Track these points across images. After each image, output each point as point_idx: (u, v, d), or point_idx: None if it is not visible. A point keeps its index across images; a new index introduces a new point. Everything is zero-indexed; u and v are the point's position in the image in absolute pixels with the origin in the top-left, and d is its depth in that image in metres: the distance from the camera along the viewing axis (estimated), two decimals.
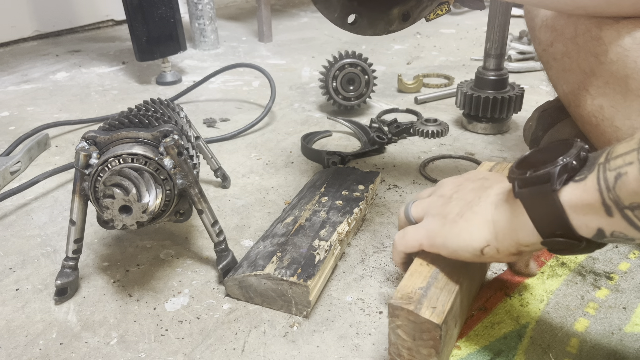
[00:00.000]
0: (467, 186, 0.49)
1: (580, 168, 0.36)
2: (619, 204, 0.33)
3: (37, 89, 1.35)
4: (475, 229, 0.44)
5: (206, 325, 0.57)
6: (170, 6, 1.29)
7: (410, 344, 0.46)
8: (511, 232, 0.41)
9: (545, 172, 0.37)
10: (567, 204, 0.36)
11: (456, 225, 0.46)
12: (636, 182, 0.32)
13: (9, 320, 0.58)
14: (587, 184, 0.35)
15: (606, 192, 0.34)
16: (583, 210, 0.36)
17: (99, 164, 0.54)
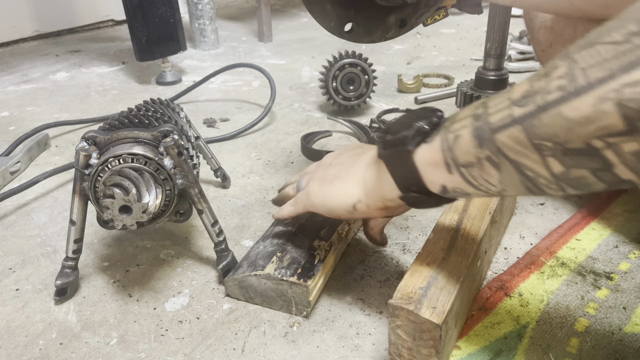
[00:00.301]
0: (346, 154, 0.54)
1: (431, 132, 0.41)
2: (456, 162, 0.38)
3: (37, 89, 1.35)
4: (348, 187, 0.50)
5: (206, 325, 0.57)
6: (170, 6, 1.29)
7: (411, 344, 0.46)
8: (378, 188, 0.47)
9: (402, 135, 0.42)
10: (419, 162, 0.42)
11: (333, 185, 0.51)
12: (467, 143, 0.37)
13: (9, 320, 0.58)
14: (434, 145, 0.40)
15: (447, 152, 0.39)
16: (430, 168, 0.41)
17: (99, 164, 0.54)
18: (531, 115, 0.32)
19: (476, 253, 0.53)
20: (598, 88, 0.29)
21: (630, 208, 0.74)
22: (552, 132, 0.32)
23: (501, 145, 0.35)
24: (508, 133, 0.34)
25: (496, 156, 0.35)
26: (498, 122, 0.35)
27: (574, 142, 0.31)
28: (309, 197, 0.54)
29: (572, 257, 0.65)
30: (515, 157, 0.34)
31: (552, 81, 0.32)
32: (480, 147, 0.36)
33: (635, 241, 0.68)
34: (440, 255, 0.52)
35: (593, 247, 0.67)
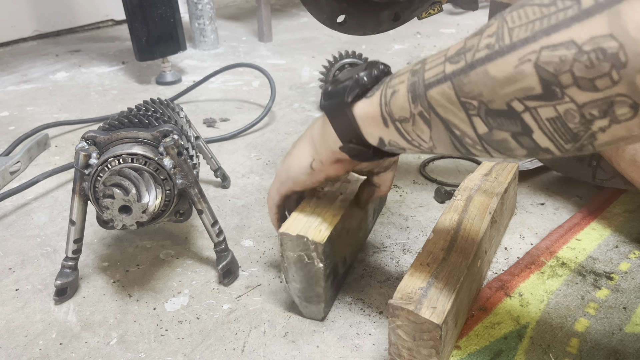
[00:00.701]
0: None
1: (372, 86, 0.42)
2: (392, 116, 0.39)
3: (36, 88, 1.35)
4: (302, 150, 0.50)
5: (206, 325, 0.57)
6: (170, 6, 1.29)
7: (411, 344, 0.46)
8: (324, 141, 0.47)
9: (341, 86, 0.42)
10: (358, 115, 0.42)
11: (290, 155, 0.52)
12: (403, 98, 0.38)
13: (8, 320, 0.58)
14: (373, 99, 0.41)
15: (384, 106, 0.40)
16: (368, 121, 0.41)
17: (98, 164, 0.54)
18: (460, 72, 0.33)
19: (476, 253, 0.53)
20: (520, 49, 0.29)
21: (630, 208, 0.74)
22: (477, 91, 0.32)
23: (432, 101, 0.35)
24: (439, 89, 0.34)
25: (427, 112, 0.36)
26: (431, 79, 0.35)
27: (497, 102, 0.31)
28: (278, 178, 0.54)
29: (572, 257, 0.65)
30: (444, 115, 0.35)
31: (482, 39, 0.32)
32: (414, 103, 0.37)
33: (636, 241, 0.68)
34: (440, 255, 0.52)
35: (593, 247, 0.67)
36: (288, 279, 0.54)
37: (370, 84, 0.42)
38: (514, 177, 0.69)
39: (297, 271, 0.53)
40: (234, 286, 0.63)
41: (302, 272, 0.52)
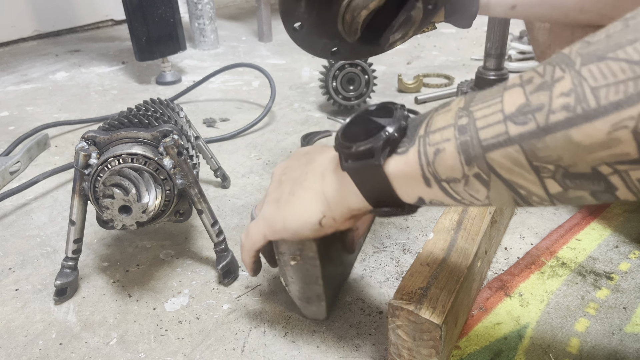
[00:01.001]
0: (293, 165, 0.49)
1: (401, 139, 0.37)
2: (437, 177, 0.35)
3: (36, 88, 1.35)
4: (308, 203, 0.45)
5: (206, 325, 0.57)
6: (170, 6, 1.29)
7: (411, 344, 0.46)
8: (342, 200, 0.43)
9: (369, 147, 0.38)
10: (391, 175, 0.38)
11: (290, 204, 0.46)
12: (452, 160, 0.34)
13: (8, 320, 0.58)
14: (408, 157, 0.36)
15: (426, 166, 0.35)
16: (405, 181, 0.37)
17: (98, 164, 0.54)
18: (532, 136, 0.29)
19: (476, 253, 0.53)
20: (613, 114, 0.26)
21: (630, 208, 0.74)
22: (556, 156, 0.29)
23: (494, 164, 0.32)
24: (503, 152, 0.31)
25: (486, 174, 0.33)
26: (490, 140, 0.31)
27: (579, 166, 0.29)
28: (269, 225, 0.48)
29: (572, 257, 0.65)
30: (508, 177, 0.32)
31: (555, 98, 0.28)
32: (468, 165, 0.33)
33: (636, 241, 0.68)
34: (440, 255, 0.52)
35: (593, 247, 0.67)
36: (287, 282, 0.54)
37: (400, 137, 0.38)
38: None
39: (294, 272, 0.52)
40: (233, 286, 0.63)
41: (300, 272, 0.52)
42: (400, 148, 0.37)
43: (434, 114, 0.36)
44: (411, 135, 0.37)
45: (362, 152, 0.38)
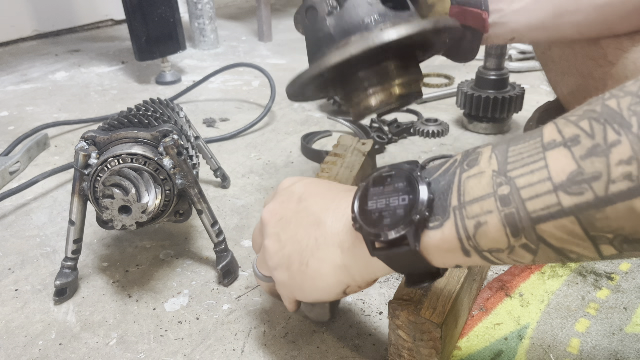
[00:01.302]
0: (289, 216, 0.44)
1: (431, 213, 0.34)
2: (478, 249, 0.33)
3: (36, 88, 1.35)
4: (328, 276, 0.41)
5: (206, 325, 0.57)
6: (170, 5, 1.29)
7: (411, 344, 0.46)
8: (368, 273, 0.40)
9: (401, 236, 0.34)
10: (425, 251, 0.35)
11: (306, 275, 0.42)
12: (496, 232, 0.31)
13: (8, 320, 0.58)
14: (444, 232, 0.33)
15: (466, 240, 0.33)
16: (441, 254, 0.35)
17: (98, 164, 0.54)
18: (589, 207, 0.27)
19: None
20: None
21: None
22: (616, 225, 0.27)
23: (545, 235, 0.29)
24: (556, 224, 0.29)
25: (535, 244, 0.30)
26: (540, 211, 0.29)
27: None
28: (288, 290, 0.45)
29: None
30: (560, 245, 0.30)
31: (614, 166, 0.26)
32: (515, 237, 0.30)
33: None
34: None
35: None
36: None
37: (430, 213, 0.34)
38: None
39: None
40: (233, 286, 0.63)
41: None
42: (433, 222, 0.34)
43: (463, 177, 0.33)
44: (442, 204, 0.34)
45: (393, 242, 0.35)
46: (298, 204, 0.44)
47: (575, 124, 0.28)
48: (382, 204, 0.36)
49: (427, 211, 0.34)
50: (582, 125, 0.28)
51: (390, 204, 0.36)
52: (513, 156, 0.31)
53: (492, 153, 0.32)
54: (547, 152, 0.29)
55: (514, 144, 0.31)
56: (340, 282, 0.41)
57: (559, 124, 0.29)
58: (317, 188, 0.45)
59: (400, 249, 0.35)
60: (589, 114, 0.28)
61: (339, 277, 0.41)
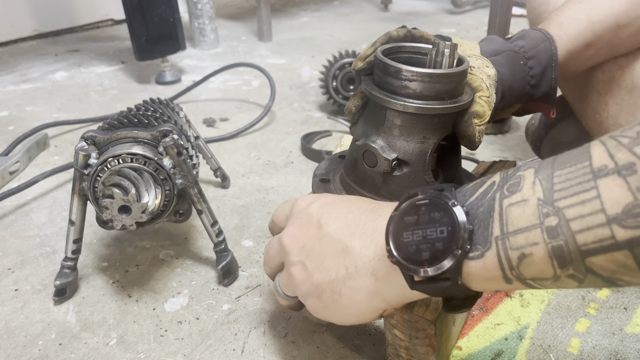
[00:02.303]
0: (314, 247, 0.42)
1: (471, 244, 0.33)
2: (521, 278, 0.32)
3: (36, 88, 1.35)
4: (363, 304, 0.40)
5: (206, 325, 0.57)
6: (170, 5, 1.29)
7: (407, 343, 0.46)
8: (405, 298, 0.39)
9: (442, 272, 0.33)
10: (466, 279, 0.34)
11: (339, 304, 0.41)
12: (542, 264, 0.30)
13: (8, 320, 0.58)
14: (486, 262, 0.32)
15: (509, 270, 0.32)
16: (482, 282, 0.34)
17: (98, 164, 0.54)
18: None
19: None
20: None
21: None
22: None
23: (595, 267, 0.28)
24: (608, 257, 0.27)
25: (582, 274, 0.29)
26: (592, 245, 0.27)
27: None
28: (322, 316, 0.44)
29: None
30: (610, 275, 0.29)
31: None
32: (562, 268, 0.29)
33: None
34: None
35: None
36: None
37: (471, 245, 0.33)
38: None
39: None
40: (233, 286, 0.63)
41: None
42: (473, 252, 0.32)
43: (505, 204, 0.31)
44: (482, 234, 0.32)
45: (435, 278, 0.34)
46: (319, 229, 0.42)
47: (630, 149, 0.27)
48: (418, 235, 0.34)
49: (469, 244, 0.32)
50: (638, 151, 0.26)
51: (428, 235, 0.34)
52: (560, 183, 0.29)
53: (536, 178, 0.31)
54: (598, 180, 0.27)
55: (559, 168, 0.30)
56: (376, 308, 0.40)
57: (610, 146, 0.28)
58: (335, 209, 0.43)
59: (441, 285, 0.34)
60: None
61: (375, 304, 0.40)
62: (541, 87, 0.56)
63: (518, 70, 0.54)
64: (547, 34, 0.56)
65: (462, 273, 0.33)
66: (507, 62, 0.54)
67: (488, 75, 0.50)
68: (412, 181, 0.48)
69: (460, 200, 0.34)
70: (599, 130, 0.66)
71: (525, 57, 0.55)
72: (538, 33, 0.56)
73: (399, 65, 0.45)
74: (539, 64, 0.55)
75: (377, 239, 0.39)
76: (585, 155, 0.29)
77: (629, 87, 0.61)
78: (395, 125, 0.47)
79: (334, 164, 0.58)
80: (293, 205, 0.46)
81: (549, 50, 0.55)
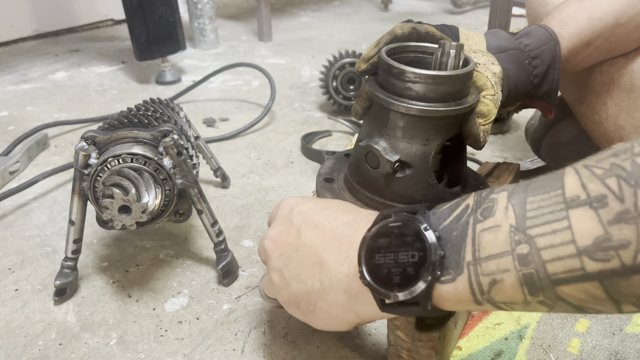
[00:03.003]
0: (291, 257, 0.42)
1: (442, 268, 0.33)
2: (492, 302, 0.32)
3: (36, 88, 1.34)
4: (338, 318, 0.41)
5: (206, 325, 0.57)
6: (170, 5, 1.29)
7: (410, 345, 0.46)
8: (377, 316, 0.39)
9: (413, 298, 0.33)
10: (437, 301, 0.34)
11: (316, 315, 0.42)
12: (513, 291, 0.30)
13: (8, 320, 0.58)
14: (457, 286, 0.32)
15: (479, 294, 0.32)
16: (452, 303, 0.34)
17: (98, 164, 0.54)
18: (615, 274, 0.26)
19: None
20: None
21: None
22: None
23: (565, 296, 0.29)
24: (578, 287, 0.28)
25: (553, 301, 0.29)
26: (562, 274, 0.28)
27: None
28: (302, 320, 0.45)
29: None
30: (580, 304, 0.29)
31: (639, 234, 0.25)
32: (532, 295, 0.30)
33: None
34: None
35: None
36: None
37: (441, 270, 0.33)
38: (516, 177, 0.68)
39: None
40: (233, 286, 0.63)
41: None
42: (445, 276, 0.33)
43: (477, 230, 0.32)
44: (454, 259, 0.32)
45: (406, 303, 0.34)
46: (297, 238, 0.42)
47: (602, 181, 0.27)
48: (390, 259, 0.34)
49: (439, 270, 0.33)
50: (610, 184, 0.26)
51: (399, 259, 0.34)
52: (532, 210, 0.29)
53: (509, 203, 0.31)
54: (570, 210, 0.27)
55: (532, 194, 0.30)
56: (351, 320, 0.41)
57: (583, 176, 0.28)
58: (315, 217, 0.43)
59: (411, 309, 0.34)
60: (617, 171, 0.27)
61: (349, 317, 0.40)
62: (543, 86, 0.56)
63: (522, 69, 0.54)
64: (552, 33, 0.56)
65: (433, 296, 0.33)
66: (512, 61, 0.54)
67: (494, 72, 0.50)
68: (415, 183, 0.48)
69: (434, 224, 0.34)
70: (598, 131, 0.66)
71: (530, 57, 0.55)
72: (544, 32, 0.56)
73: (402, 67, 0.45)
74: (543, 64, 0.55)
75: (351, 256, 0.38)
76: (558, 182, 0.29)
77: (628, 87, 0.61)
78: (398, 127, 0.47)
79: (339, 164, 0.58)
80: (278, 207, 0.47)
81: (553, 50, 0.55)
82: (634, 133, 0.61)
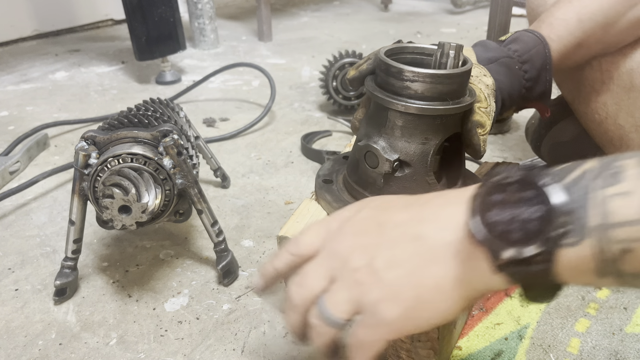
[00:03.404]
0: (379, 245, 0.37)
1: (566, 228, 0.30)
2: (619, 273, 0.30)
3: (36, 88, 1.35)
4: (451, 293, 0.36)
5: (206, 325, 0.57)
6: (170, 5, 1.29)
7: (409, 345, 0.46)
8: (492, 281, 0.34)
9: (534, 254, 0.30)
10: (557, 269, 0.31)
11: (423, 300, 0.36)
12: None
13: (8, 320, 0.58)
14: (580, 252, 0.30)
15: (607, 263, 0.30)
16: (572, 272, 0.31)
17: (98, 164, 0.54)
18: None
19: None
20: None
21: None
22: None
23: None
24: None
25: None
26: None
27: None
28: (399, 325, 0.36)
29: None
30: None
31: None
32: None
33: None
34: None
35: None
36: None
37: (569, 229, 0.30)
38: None
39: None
40: (233, 286, 0.63)
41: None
42: (568, 239, 0.30)
43: (605, 195, 0.29)
44: (579, 220, 0.30)
45: (528, 259, 0.31)
46: (380, 227, 0.38)
47: None
48: (507, 215, 0.31)
49: (563, 229, 0.30)
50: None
51: (519, 215, 0.31)
52: None
53: (637, 166, 0.29)
54: None
55: None
56: (463, 297, 0.36)
57: None
58: (391, 206, 0.39)
59: (531, 267, 0.31)
60: None
61: (462, 292, 0.35)
62: (536, 89, 0.56)
63: (514, 76, 0.54)
64: (540, 36, 0.56)
65: (557, 264, 0.30)
66: (504, 71, 0.54)
67: (486, 84, 0.50)
68: (414, 182, 0.48)
69: (555, 182, 0.31)
70: (598, 131, 0.66)
71: (520, 62, 0.55)
72: (531, 36, 0.56)
73: (400, 66, 0.45)
74: (534, 68, 0.55)
75: (453, 221, 0.35)
76: None
77: (627, 87, 0.61)
78: (397, 126, 0.47)
79: (337, 165, 0.58)
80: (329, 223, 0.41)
81: (543, 53, 0.55)
82: (634, 132, 0.61)
